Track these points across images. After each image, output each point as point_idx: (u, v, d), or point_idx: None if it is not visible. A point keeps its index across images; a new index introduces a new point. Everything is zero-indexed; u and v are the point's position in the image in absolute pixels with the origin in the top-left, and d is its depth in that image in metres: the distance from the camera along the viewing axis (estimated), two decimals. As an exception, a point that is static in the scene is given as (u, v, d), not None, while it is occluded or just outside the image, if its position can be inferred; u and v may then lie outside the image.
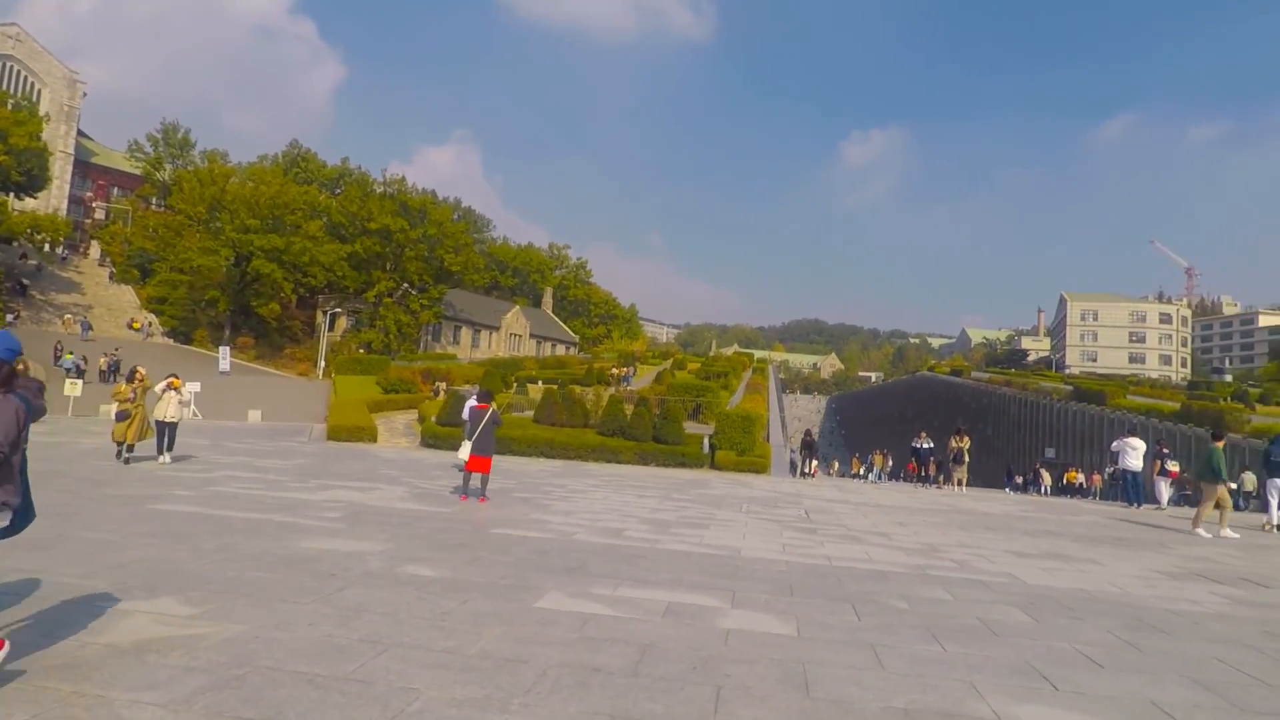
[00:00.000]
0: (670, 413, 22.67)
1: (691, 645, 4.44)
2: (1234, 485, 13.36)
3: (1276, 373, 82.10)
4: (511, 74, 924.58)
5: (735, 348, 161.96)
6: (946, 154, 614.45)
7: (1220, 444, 13.17)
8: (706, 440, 22.18)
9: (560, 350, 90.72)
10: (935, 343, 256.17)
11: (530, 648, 4.23)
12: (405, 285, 66.47)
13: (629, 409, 23.76)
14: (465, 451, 10.51)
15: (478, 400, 11.35)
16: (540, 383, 40.83)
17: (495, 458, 11.14)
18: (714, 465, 21.17)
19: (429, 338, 73.75)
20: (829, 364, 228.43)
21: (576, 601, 5.36)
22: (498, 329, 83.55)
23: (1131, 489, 17.96)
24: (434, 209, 71.57)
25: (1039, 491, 34.99)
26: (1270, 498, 13.85)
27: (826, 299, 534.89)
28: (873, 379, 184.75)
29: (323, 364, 54.16)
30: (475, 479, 10.87)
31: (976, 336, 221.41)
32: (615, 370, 44.31)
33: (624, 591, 5.75)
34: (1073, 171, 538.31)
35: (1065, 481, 35.84)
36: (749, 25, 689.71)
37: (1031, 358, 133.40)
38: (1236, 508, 26.10)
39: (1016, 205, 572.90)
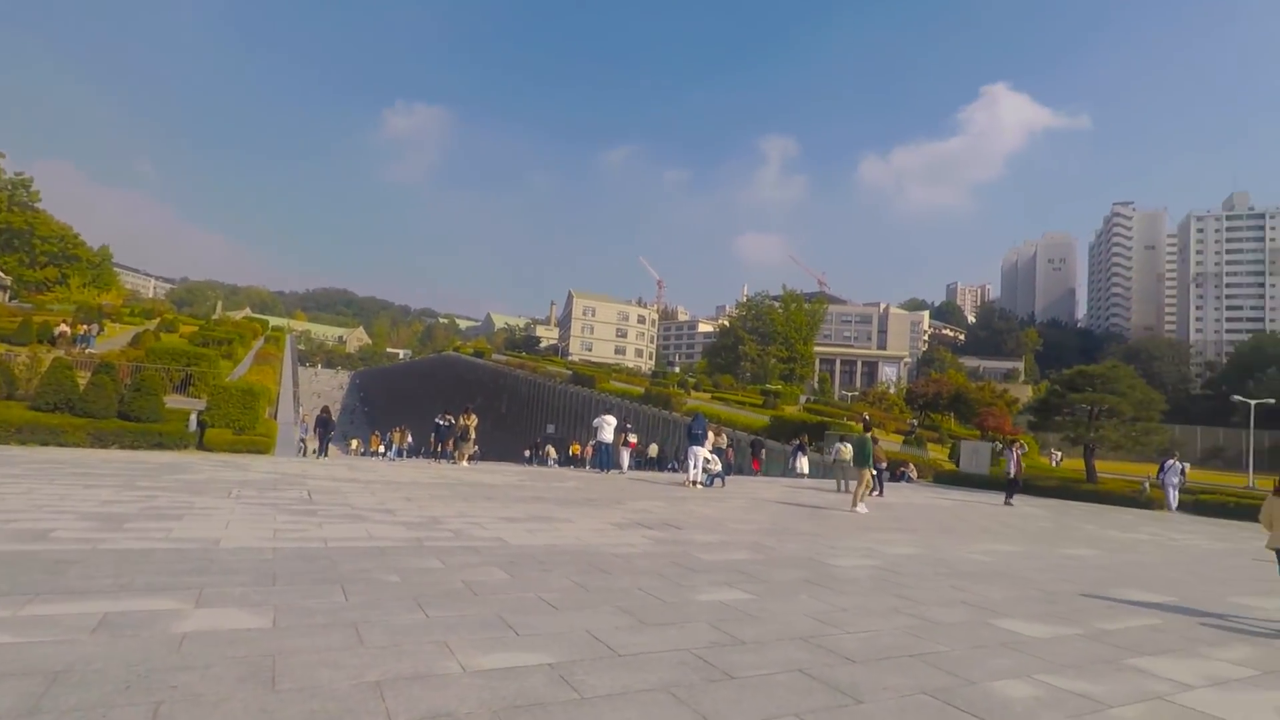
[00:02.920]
0: (147, 383, 18.71)
1: (130, 660, 3.71)
2: (874, 471, 17.29)
3: (706, 368, 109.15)
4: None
5: (247, 312, 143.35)
6: (486, 144, 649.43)
7: (869, 434, 15.42)
8: (194, 417, 19.01)
9: (-21, 295, 66.95)
10: (463, 324, 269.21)
11: None
12: None
13: (84, 377, 18.84)
14: None
15: None
16: (-64, 337, 29.49)
17: None
18: (203, 446, 18.29)
19: None
20: (356, 338, 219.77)
21: (-49, 632, 3.99)
22: None
23: (605, 457, 21.73)
24: None
25: (543, 463, 39.82)
26: (689, 460, 18.33)
27: (359, 270, 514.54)
28: (401, 356, 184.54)
29: None
30: None
31: (500, 321, 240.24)
32: (68, 327, 34.64)
33: (36, 609, 4.50)
34: (588, 185, 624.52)
35: (571, 454, 41.56)
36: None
37: (543, 344, 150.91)
38: (655, 469, 33.99)
39: (542, 205, 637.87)
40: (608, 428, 21.19)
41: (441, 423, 24.75)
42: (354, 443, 55.38)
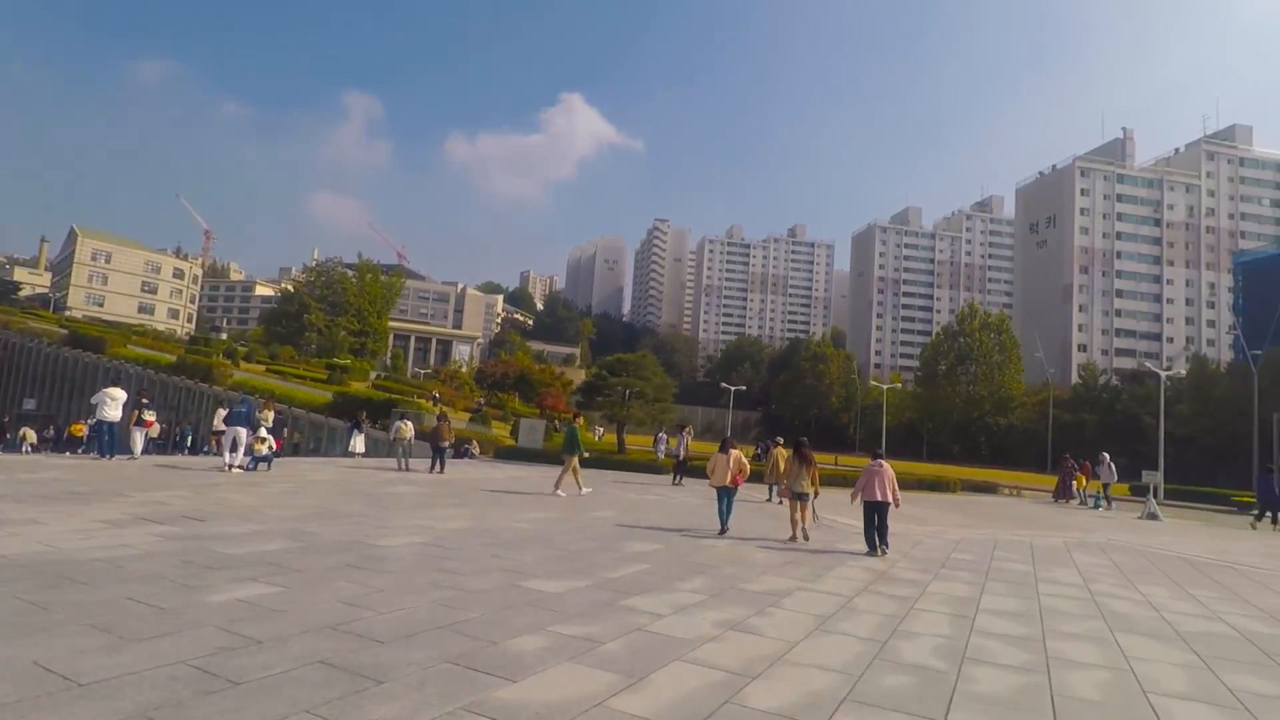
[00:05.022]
0: None
1: None
2: (587, 455, 18.66)
3: (262, 336, 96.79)
4: None
5: None
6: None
7: (578, 422, 16.92)
8: None
9: None
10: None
11: None
12: None
13: None
14: None
15: None
16: None
17: None
18: None
19: None
20: None
21: None
22: None
23: (108, 440, 17.59)
24: None
25: (16, 449, 30.58)
26: (226, 441, 16.06)
27: None
28: None
29: None
30: None
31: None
32: None
33: None
34: (104, 96, 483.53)
35: (73, 436, 32.65)
36: None
37: (25, 292, 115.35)
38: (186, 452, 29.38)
39: (31, 107, 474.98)
40: (114, 404, 17.13)
41: None
42: None
